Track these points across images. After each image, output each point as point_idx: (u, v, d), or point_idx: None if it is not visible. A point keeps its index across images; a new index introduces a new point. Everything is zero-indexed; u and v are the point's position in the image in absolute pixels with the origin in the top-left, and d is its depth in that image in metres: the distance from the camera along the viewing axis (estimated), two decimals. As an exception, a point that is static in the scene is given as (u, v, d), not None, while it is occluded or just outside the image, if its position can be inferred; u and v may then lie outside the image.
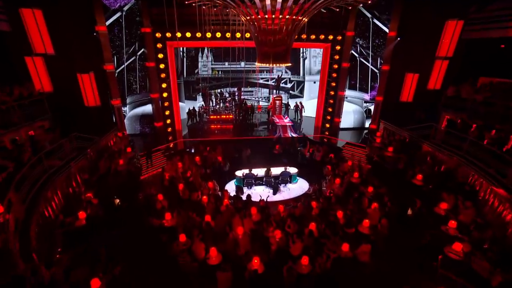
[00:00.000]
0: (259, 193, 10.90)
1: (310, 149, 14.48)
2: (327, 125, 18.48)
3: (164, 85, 15.68)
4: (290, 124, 18.20)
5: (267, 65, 10.28)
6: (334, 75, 17.14)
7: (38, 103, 10.38)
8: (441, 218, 8.44)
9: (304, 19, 9.65)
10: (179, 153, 14.51)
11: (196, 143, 15.73)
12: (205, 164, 12.67)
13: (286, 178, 11.60)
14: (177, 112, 17.07)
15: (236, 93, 21.22)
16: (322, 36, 15.89)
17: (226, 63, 26.02)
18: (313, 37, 15.79)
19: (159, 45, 14.78)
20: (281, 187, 11.69)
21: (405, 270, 7.15)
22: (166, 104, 16.15)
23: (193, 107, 19.34)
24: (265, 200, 9.24)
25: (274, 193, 11.25)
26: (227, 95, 20.80)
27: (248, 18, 9.73)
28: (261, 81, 27.27)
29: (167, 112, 16.35)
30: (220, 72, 26.31)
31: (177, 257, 6.77)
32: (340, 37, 16.14)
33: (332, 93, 17.61)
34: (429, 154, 11.85)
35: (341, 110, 17.86)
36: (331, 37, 16.02)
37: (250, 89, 26.47)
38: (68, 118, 11.24)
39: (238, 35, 14.67)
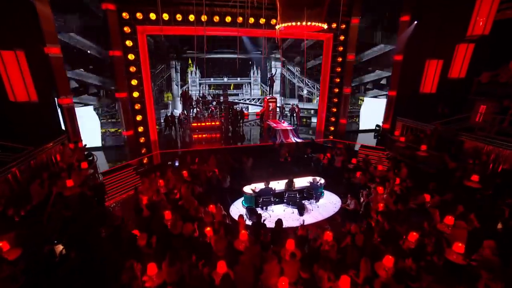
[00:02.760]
0: (280, 215, 7.71)
1: (327, 153, 11.76)
2: (331, 128, 16.06)
3: (134, 82, 12.11)
4: (291, 128, 15.46)
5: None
6: (338, 69, 15.01)
7: None
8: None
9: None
10: (158, 168, 10.82)
11: (180, 155, 12.15)
12: (197, 180, 9.21)
13: (314, 192, 8.55)
14: (151, 117, 13.43)
15: (221, 96, 18.10)
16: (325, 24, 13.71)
17: (212, 79, 23.65)
18: (315, 25, 13.54)
19: (126, 29, 11.37)
20: (308, 204, 8.60)
21: None
22: (137, 107, 12.49)
23: (172, 113, 15.80)
24: (303, 225, 6.09)
25: (301, 214, 8.10)
26: (210, 98, 17.60)
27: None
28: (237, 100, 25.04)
29: (138, 117, 12.65)
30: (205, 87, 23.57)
31: None
32: (344, 26, 14.17)
33: (337, 90, 15.38)
34: (478, 150, 9.74)
35: (347, 110, 15.63)
36: (334, 25, 13.95)
37: (235, 91, 23.87)
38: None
39: (239, 19, 11.94)
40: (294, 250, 5.52)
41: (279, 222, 6.06)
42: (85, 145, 9.89)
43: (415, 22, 12.49)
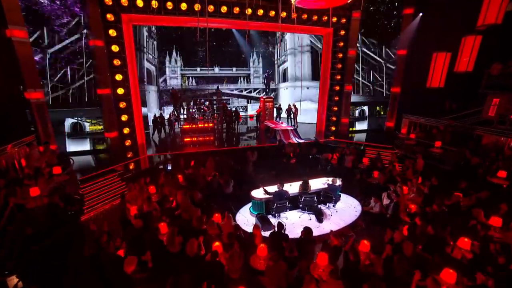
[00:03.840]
0: (296, 223, 6.55)
1: (335, 153, 10.79)
2: (333, 128, 15.20)
3: (118, 77, 10.70)
4: (291, 128, 14.46)
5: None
6: (339, 66, 14.25)
7: None
8: None
9: None
10: (148, 172, 9.39)
11: (173, 158, 10.77)
12: (195, 186, 7.88)
13: (332, 195, 7.43)
14: (138, 118, 11.99)
15: (214, 97, 16.86)
16: (325, 18, 13.03)
17: (198, 69, 21.79)
18: (315, 18, 12.81)
19: (110, 16, 10.04)
20: (326, 209, 7.48)
21: None
22: (122, 105, 11.03)
23: (160, 114, 14.37)
24: (337, 232, 4.96)
25: (320, 220, 6.95)
26: (202, 99, 16.35)
27: None
28: (235, 91, 23.51)
29: (123, 118, 11.17)
30: (190, 79, 21.81)
31: None
32: (345, 20, 13.52)
33: (337, 88, 14.59)
34: (499, 144, 9.09)
35: (348, 109, 14.86)
36: (334, 19, 13.27)
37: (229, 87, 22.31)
38: None
39: (236, 9, 10.90)
40: (328, 266, 4.38)
41: (308, 230, 4.86)
42: (58, 147, 8.35)
43: (420, 14, 12.00)
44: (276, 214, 6.98)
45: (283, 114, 18.37)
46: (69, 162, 8.11)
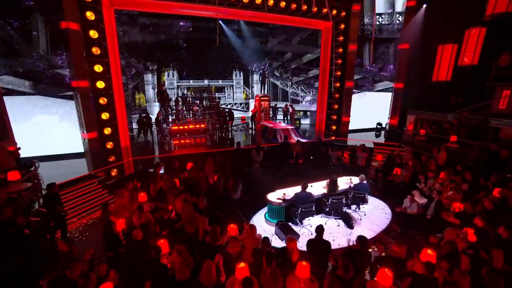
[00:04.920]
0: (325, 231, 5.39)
1: (346, 151, 9.85)
2: (333, 127, 14.38)
3: (98, 68, 9.16)
4: (292, 127, 13.45)
5: None
6: (339, 61, 13.56)
7: None
8: None
9: None
10: (137, 176, 7.86)
11: (166, 160, 9.29)
12: (195, 191, 6.51)
13: (363, 195, 6.35)
14: (122, 116, 10.44)
15: (205, 94, 15.45)
16: (325, 10, 12.31)
17: (191, 81, 21.01)
18: (315, 9, 12.05)
19: (87, -4, 8.60)
20: (352, 212, 6.38)
21: None
22: (102, 101, 9.46)
23: (147, 113, 12.78)
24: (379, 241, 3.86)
25: (351, 226, 5.83)
26: (191, 97, 14.89)
27: None
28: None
29: (104, 116, 9.58)
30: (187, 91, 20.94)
31: None
32: (344, 13, 12.90)
33: (338, 84, 13.86)
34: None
35: (350, 106, 14.13)
36: (334, 11, 12.60)
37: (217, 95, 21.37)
38: None
39: None
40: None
41: (363, 240, 3.70)
42: (19, 148, 6.66)
43: (424, 5, 11.60)
44: (299, 222, 5.76)
45: (279, 116, 17.46)
46: (31, 166, 6.45)
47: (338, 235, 5.59)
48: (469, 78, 11.53)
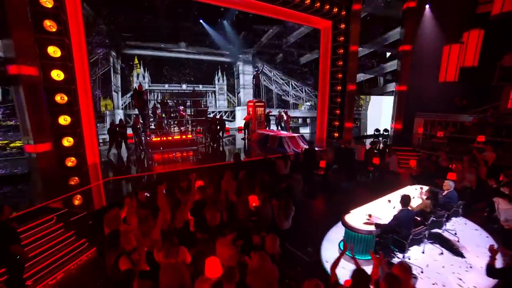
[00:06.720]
0: (424, 262, 3.64)
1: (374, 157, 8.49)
2: (336, 135, 13.18)
3: (53, 50, 6.37)
4: (297, 135, 11.82)
5: None
6: (340, 63, 12.62)
7: None
8: None
9: None
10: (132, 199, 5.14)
11: (166, 177, 6.68)
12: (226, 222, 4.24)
13: (457, 208, 4.78)
14: (89, 121, 7.57)
15: (189, 100, 12.94)
16: (328, 7, 11.38)
17: (166, 85, 18.37)
18: (317, 5, 10.99)
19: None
20: (442, 232, 4.76)
21: None
22: (60, 99, 6.59)
23: (120, 121, 9.83)
24: None
25: (459, 254, 4.17)
26: (171, 103, 12.17)
27: None
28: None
29: (63, 120, 6.68)
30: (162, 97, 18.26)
31: None
32: (344, 12, 12.14)
33: (339, 88, 12.83)
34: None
35: (353, 111, 13.16)
36: (335, 9, 11.74)
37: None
38: None
39: None
40: None
41: None
42: None
43: (427, 5, 11.38)
44: (401, 252, 3.90)
45: (272, 125, 15.80)
46: None
47: (459, 271, 3.86)
48: (471, 80, 11.46)
